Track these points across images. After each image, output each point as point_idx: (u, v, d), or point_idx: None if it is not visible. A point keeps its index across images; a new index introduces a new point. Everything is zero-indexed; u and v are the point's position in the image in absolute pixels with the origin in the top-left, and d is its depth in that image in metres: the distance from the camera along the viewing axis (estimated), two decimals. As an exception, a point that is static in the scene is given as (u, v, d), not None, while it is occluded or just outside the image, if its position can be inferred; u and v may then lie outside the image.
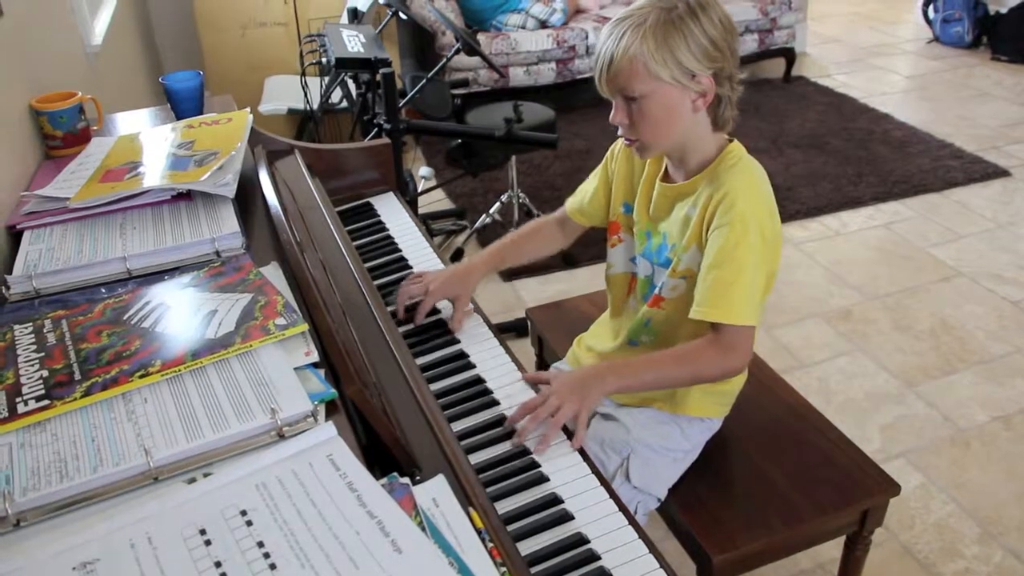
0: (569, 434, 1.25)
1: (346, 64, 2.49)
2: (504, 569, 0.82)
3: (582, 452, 1.21)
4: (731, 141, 1.41)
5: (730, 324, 1.32)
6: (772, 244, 1.35)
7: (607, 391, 1.35)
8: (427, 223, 3.43)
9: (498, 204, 3.44)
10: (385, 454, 0.95)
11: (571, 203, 1.67)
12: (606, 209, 1.60)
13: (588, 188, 1.63)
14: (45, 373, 0.99)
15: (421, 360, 1.38)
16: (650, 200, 1.48)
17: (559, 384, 1.29)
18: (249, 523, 0.79)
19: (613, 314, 1.65)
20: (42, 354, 1.04)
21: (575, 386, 1.28)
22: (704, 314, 1.33)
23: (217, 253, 1.30)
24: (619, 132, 1.38)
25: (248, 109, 1.76)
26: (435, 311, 1.50)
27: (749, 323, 1.33)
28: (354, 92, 3.08)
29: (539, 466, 1.19)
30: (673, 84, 1.28)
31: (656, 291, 1.48)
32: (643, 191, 1.50)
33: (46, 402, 0.94)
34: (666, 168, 1.46)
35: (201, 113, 1.90)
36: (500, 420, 1.27)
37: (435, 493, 0.87)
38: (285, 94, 3.81)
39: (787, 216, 3.57)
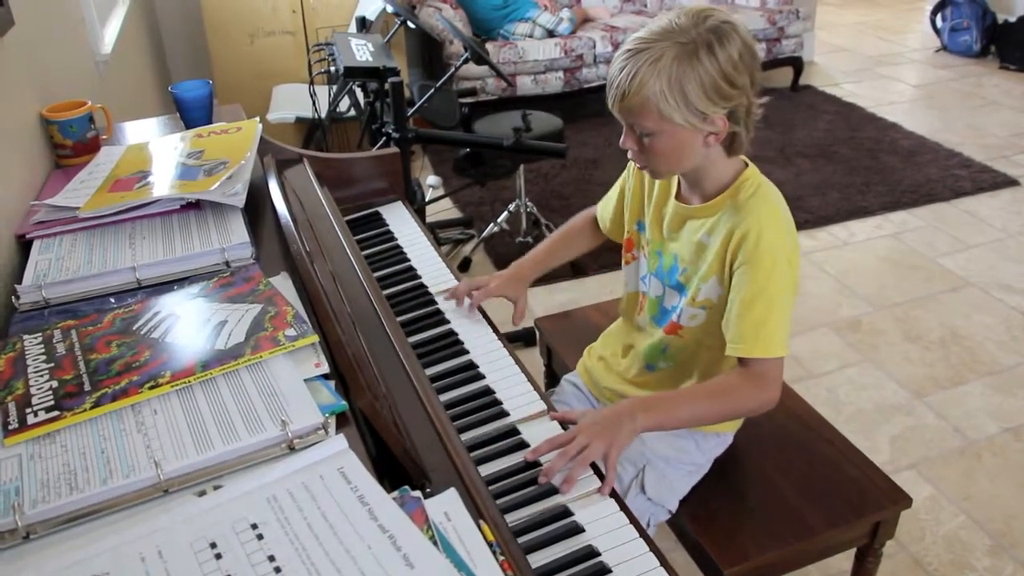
0: (595, 469, 1.21)
1: (354, 73, 2.49)
2: (516, 584, 0.81)
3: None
4: (747, 165, 1.39)
5: (764, 358, 1.31)
6: (796, 267, 1.35)
7: (638, 430, 1.26)
8: (435, 232, 3.43)
9: (506, 213, 3.44)
10: (395, 466, 0.95)
11: (600, 210, 1.68)
12: (622, 226, 1.59)
13: (611, 200, 1.62)
14: (55, 384, 0.99)
15: (430, 370, 1.38)
16: (663, 218, 1.47)
17: (588, 422, 1.23)
18: (260, 537, 0.78)
19: (625, 323, 1.64)
20: (52, 364, 1.03)
21: (605, 424, 1.22)
22: (741, 351, 1.32)
23: (227, 263, 1.30)
24: (629, 155, 1.36)
25: (257, 118, 1.76)
26: (445, 321, 1.50)
27: (782, 354, 1.32)
28: (362, 101, 3.09)
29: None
30: (685, 126, 1.25)
31: (673, 317, 1.46)
32: (656, 209, 1.48)
33: (56, 413, 0.94)
34: (679, 186, 1.44)
35: (210, 122, 1.90)
36: (510, 431, 1.26)
37: (447, 507, 0.86)
38: (293, 103, 3.82)
39: (795, 226, 3.55)
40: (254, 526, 0.80)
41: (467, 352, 1.43)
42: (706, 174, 1.36)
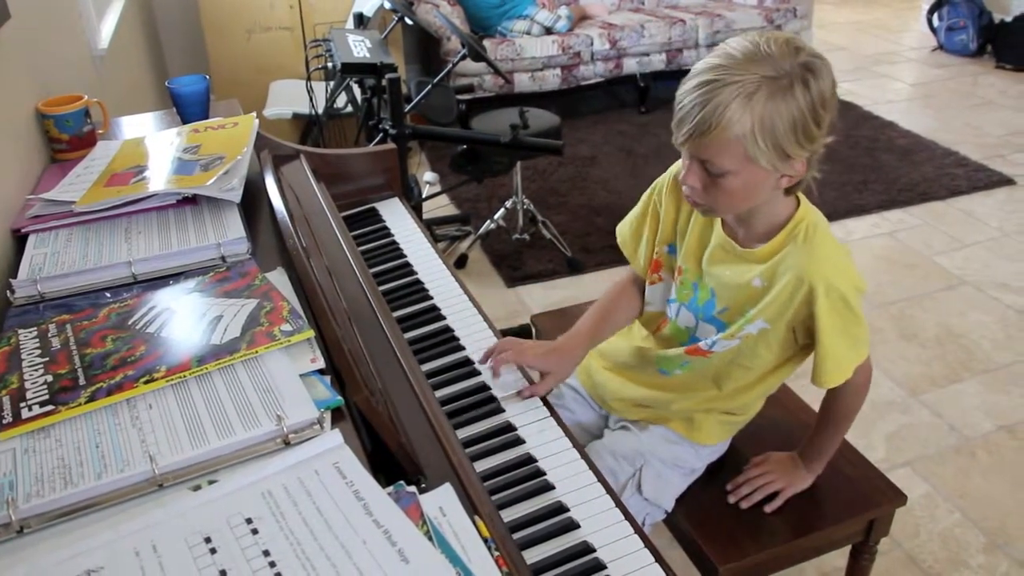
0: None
1: (352, 69, 2.49)
2: (511, 579, 0.81)
3: (588, 461, 1.20)
4: (799, 202, 1.33)
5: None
6: (863, 288, 1.33)
7: (811, 479, 1.51)
8: (431, 229, 3.43)
9: (503, 210, 3.44)
10: (390, 461, 0.95)
11: (632, 263, 1.56)
12: (651, 254, 1.51)
13: (641, 243, 1.51)
14: (49, 378, 0.99)
15: (426, 367, 1.38)
16: (703, 249, 1.40)
17: (775, 467, 1.51)
18: (255, 531, 0.78)
19: (639, 330, 1.61)
20: (46, 359, 1.03)
21: (789, 472, 1.51)
22: (832, 383, 1.35)
23: (223, 258, 1.29)
24: (685, 192, 1.28)
25: (254, 114, 1.75)
26: (441, 317, 1.49)
27: (864, 358, 1.36)
28: (359, 97, 3.08)
29: (544, 474, 1.18)
30: (767, 168, 1.17)
31: (702, 345, 1.43)
32: (695, 238, 1.40)
33: (50, 407, 0.94)
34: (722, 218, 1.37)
35: (207, 117, 1.89)
36: (505, 427, 1.26)
37: (442, 502, 0.86)
38: (290, 98, 3.82)
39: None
40: (249, 521, 0.80)
41: (463, 348, 1.43)
42: (760, 213, 1.30)
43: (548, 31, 4.70)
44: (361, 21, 3.48)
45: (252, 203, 1.48)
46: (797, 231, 1.29)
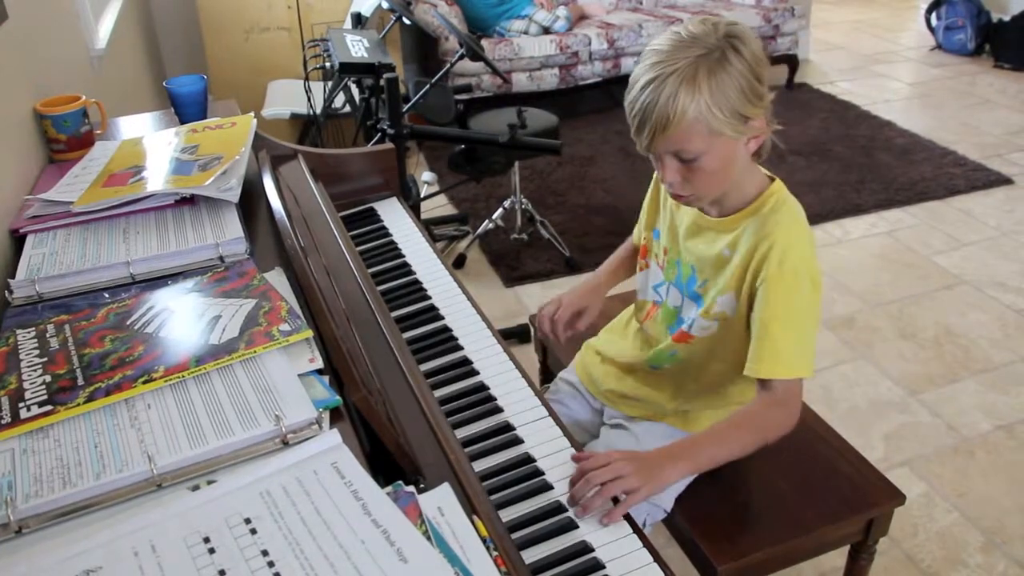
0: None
1: (350, 69, 2.49)
2: (509, 579, 0.81)
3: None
4: (772, 180, 1.37)
5: (784, 379, 1.29)
6: (819, 288, 1.31)
7: (678, 476, 1.24)
8: (430, 228, 3.43)
9: (501, 210, 3.44)
10: (389, 461, 0.95)
11: (635, 236, 1.64)
12: None
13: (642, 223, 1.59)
14: (48, 378, 0.99)
15: (424, 367, 1.38)
16: (678, 226, 1.44)
17: (630, 455, 1.20)
18: (253, 531, 0.78)
19: (633, 324, 1.62)
20: (45, 359, 1.03)
21: (647, 464, 1.19)
22: (759, 371, 1.30)
23: (221, 258, 1.29)
24: (668, 190, 1.33)
25: (252, 114, 1.75)
26: (439, 317, 1.50)
27: (803, 375, 1.30)
28: (357, 97, 3.08)
29: (543, 473, 1.18)
30: (733, 136, 1.22)
31: (684, 327, 1.45)
32: (671, 216, 1.46)
33: (49, 407, 0.94)
34: None
35: (205, 117, 1.89)
36: (503, 427, 1.26)
37: (440, 502, 0.86)
38: (288, 98, 3.82)
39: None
40: (247, 520, 0.80)
41: (461, 348, 1.43)
42: (733, 186, 1.33)
43: (546, 31, 4.70)
44: (359, 21, 3.48)
45: (250, 203, 1.48)
46: (766, 203, 1.34)
